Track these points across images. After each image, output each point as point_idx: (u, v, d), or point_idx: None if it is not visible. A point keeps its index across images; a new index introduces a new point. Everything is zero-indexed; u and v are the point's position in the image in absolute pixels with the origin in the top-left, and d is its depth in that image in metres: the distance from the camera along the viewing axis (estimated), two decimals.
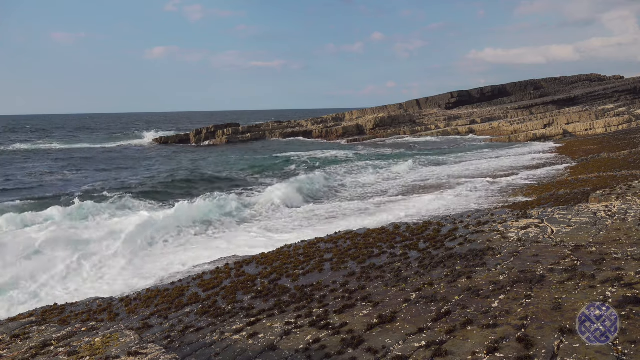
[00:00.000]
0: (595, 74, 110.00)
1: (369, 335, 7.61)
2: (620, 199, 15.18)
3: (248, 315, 9.98)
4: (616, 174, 27.71)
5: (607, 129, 68.40)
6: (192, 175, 43.31)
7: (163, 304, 12.30)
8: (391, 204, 28.36)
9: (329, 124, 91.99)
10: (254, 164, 51.93)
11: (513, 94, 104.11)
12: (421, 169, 45.62)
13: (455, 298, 8.43)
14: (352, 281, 11.05)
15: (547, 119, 76.84)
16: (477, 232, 13.45)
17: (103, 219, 26.43)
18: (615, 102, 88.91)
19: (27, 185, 40.54)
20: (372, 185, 37.67)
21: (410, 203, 27.79)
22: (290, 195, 31.53)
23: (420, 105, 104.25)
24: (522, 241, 11.65)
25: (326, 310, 9.21)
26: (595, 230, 11.78)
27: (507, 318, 7.18)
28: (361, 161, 52.20)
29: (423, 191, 32.13)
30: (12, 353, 7.23)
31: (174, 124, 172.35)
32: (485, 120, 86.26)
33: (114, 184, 39.61)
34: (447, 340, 6.84)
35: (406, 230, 15.30)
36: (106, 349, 6.61)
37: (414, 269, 11.03)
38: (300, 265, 13.36)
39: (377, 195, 32.37)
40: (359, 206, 28.29)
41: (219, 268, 15.06)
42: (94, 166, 54.41)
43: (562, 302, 7.39)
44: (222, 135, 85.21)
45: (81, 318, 11.92)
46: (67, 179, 44.68)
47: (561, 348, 6.07)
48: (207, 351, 8.34)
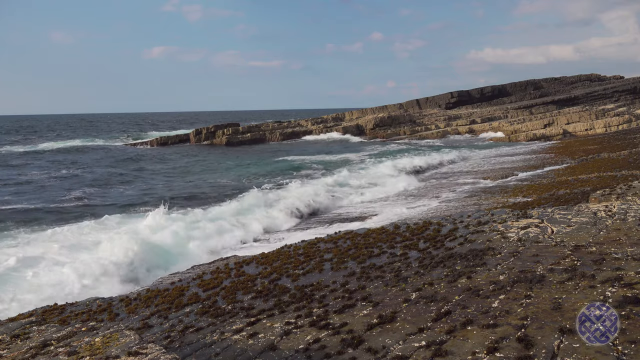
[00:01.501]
0: (595, 74, 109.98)
1: (369, 335, 7.61)
2: (620, 199, 15.18)
3: (248, 315, 9.97)
4: (616, 174, 27.72)
5: (607, 129, 68.42)
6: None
7: (163, 304, 12.29)
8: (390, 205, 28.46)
9: (329, 124, 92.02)
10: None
11: (513, 94, 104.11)
12: (422, 169, 45.67)
13: (455, 298, 8.43)
14: (352, 281, 11.05)
15: (547, 119, 76.85)
16: (477, 232, 13.45)
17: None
18: (615, 102, 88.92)
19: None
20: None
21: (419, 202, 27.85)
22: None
23: (420, 105, 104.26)
24: (522, 241, 11.65)
25: (326, 310, 9.21)
26: (595, 230, 11.78)
27: (507, 318, 7.18)
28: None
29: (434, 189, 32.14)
30: (12, 353, 7.23)
31: (174, 124, 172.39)
32: (485, 120, 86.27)
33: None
34: (447, 340, 6.84)
35: (406, 230, 15.29)
36: (106, 349, 6.61)
37: (414, 268, 11.03)
38: (300, 265, 13.36)
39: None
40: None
41: (219, 268, 15.06)
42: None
43: (562, 302, 7.39)
44: (222, 135, 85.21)
45: (81, 318, 11.92)
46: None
47: (561, 348, 6.07)
48: (207, 351, 8.34)
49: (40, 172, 50.67)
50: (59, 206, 32.60)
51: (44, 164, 57.77)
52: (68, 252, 20.48)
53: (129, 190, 39.05)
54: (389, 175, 39.57)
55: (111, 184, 42.12)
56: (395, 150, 62.43)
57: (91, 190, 38.90)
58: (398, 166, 43.69)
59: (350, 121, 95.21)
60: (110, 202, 34.12)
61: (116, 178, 45.56)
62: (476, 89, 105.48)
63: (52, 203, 33.65)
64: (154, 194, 36.15)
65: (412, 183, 36.11)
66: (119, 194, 37.22)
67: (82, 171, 50.41)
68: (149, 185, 41.34)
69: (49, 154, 69.13)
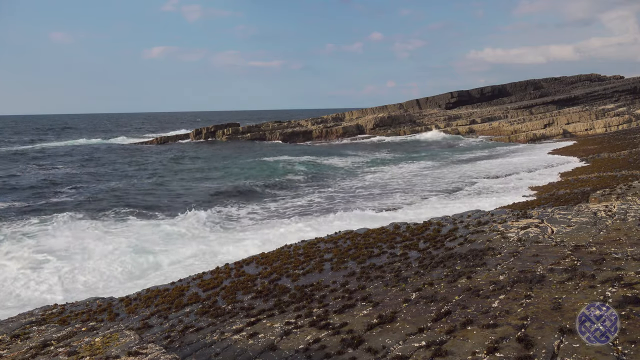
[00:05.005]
0: (595, 74, 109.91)
1: (369, 335, 7.60)
2: (620, 199, 15.18)
3: (248, 315, 9.97)
4: (616, 174, 27.72)
5: (607, 129, 68.42)
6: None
7: (163, 304, 12.29)
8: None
9: (329, 124, 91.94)
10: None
11: (513, 94, 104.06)
12: (422, 169, 45.65)
13: (455, 298, 8.43)
14: (352, 281, 11.04)
15: (547, 119, 76.85)
16: (477, 232, 13.44)
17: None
18: (615, 102, 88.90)
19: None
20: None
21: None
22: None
23: (420, 105, 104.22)
24: (522, 241, 11.65)
25: (326, 310, 9.20)
26: (595, 230, 11.78)
27: (507, 318, 7.18)
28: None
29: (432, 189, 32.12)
30: (12, 353, 7.23)
31: (172, 123, 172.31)
32: (485, 120, 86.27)
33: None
34: (447, 340, 6.84)
35: (406, 230, 15.29)
36: (106, 349, 6.61)
37: (414, 269, 11.02)
38: (300, 265, 13.35)
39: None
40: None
41: (219, 268, 15.05)
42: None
43: (562, 302, 7.38)
44: (222, 135, 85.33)
45: (81, 318, 11.92)
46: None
47: (561, 348, 6.07)
48: (207, 351, 8.33)
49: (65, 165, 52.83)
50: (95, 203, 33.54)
51: (72, 159, 59.24)
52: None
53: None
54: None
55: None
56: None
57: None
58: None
59: (350, 121, 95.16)
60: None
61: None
62: (476, 89, 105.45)
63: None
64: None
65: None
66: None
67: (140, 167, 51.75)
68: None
69: (73, 151, 71.27)
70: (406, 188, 35.03)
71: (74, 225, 26.63)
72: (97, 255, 21.29)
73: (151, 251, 21.53)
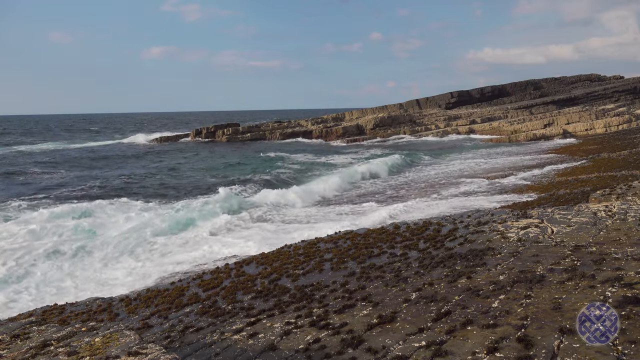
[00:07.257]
0: (595, 74, 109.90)
1: (369, 335, 7.60)
2: (620, 199, 15.18)
3: (248, 315, 9.97)
4: (616, 174, 27.72)
5: (607, 129, 68.41)
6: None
7: (163, 304, 12.29)
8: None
9: (329, 124, 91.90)
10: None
11: (513, 94, 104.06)
12: (422, 168, 45.66)
13: (455, 298, 8.43)
14: (352, 281, 11.04)
15: (547, 119, 76.85)
16: (477, 232, 13.45)
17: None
18: (615, 102, 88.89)
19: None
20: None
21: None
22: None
23: (420, 105, 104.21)
24: (522, 241, 11.65)
25: (326, 310, 9.20)
26: (595, 230, 11.78)
27: (507, 318, 7.18)
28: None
29: (431, 189, 32.13)
30: (12, 353, 7.23)
31: (174, 123, 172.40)
32: (485, 120, 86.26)
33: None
34: (447, 340, 6.84)
35: (406, 230, 15.29)
36: (106, 349, 6.61)
37: (414, 269, 11.02)
38: (300, 265, 13.36)
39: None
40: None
41: (219, 268, 15.06)
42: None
43: (562, 302, 7.38)
44: (222, 135, 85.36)
45: (81, 318, 11.92)
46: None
47: (561, 348, 6.07)
48: (207, 351, 8.33)
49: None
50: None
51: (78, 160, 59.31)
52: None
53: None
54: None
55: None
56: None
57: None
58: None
59: (351, 121, 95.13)
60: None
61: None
62: (476, 89, 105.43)
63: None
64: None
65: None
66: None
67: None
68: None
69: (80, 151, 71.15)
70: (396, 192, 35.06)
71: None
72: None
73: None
